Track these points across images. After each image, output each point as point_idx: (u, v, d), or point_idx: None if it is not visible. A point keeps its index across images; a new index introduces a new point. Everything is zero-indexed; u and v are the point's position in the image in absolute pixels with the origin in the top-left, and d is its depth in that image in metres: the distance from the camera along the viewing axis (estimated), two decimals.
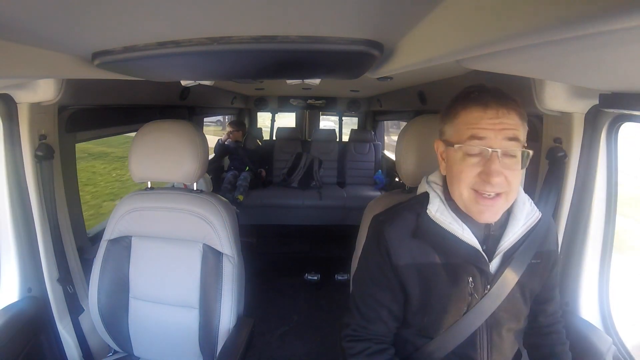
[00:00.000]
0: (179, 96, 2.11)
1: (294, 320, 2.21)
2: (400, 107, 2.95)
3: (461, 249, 0.74)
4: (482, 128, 0.69)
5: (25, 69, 0.69)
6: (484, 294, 0.76)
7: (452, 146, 0.72)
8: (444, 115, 0.77)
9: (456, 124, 0.73)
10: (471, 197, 0.71)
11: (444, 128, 0.77)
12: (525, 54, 0.45)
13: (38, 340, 1.10)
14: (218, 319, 1.12)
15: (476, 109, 0.70)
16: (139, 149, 1.14)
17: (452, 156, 0.73)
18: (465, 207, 0.73)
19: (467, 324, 0.76)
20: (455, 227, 0.74)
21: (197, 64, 0.75)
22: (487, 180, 0.68)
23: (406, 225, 0.78)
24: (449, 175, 0.75)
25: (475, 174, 0.69)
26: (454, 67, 1.23)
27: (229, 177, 3.43)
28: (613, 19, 0.26)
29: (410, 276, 0.77)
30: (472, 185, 0.70)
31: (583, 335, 0.95)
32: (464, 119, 0.71)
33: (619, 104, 0.67)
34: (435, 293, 0.76)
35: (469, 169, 0.70)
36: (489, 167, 0.68)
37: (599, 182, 0.98)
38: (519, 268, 0.77)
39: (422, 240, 0.76)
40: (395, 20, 0.51)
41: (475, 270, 0.76)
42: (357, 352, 0.82)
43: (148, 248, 1.17)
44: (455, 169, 0.72)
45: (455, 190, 0.73)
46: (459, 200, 0.73)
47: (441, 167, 0.79)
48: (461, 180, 0.71)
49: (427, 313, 0.78)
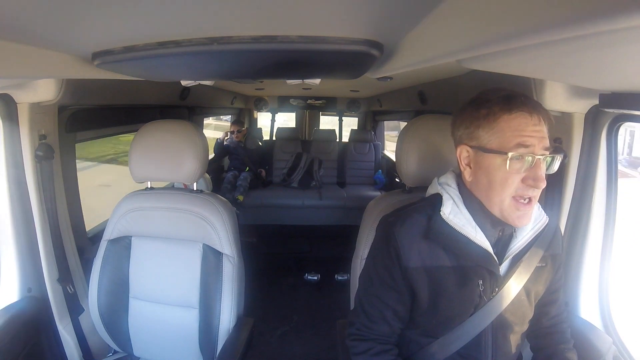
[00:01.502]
0: (179, 96, 2.11)
1: (294, 320, 2.21)
2: (400, 107, 2.95)
3: (473, 252, 0.74)
4: (528, 136, 0.67)
5: (25, 69, 0.69)
6: (492, 297, 0.76)
7: (490, 153, 0.70)
8: (471, 119, 0.73)
9: (498, 129, 0.69)
10: (511, 204, 0.70)
11: (477, 133, 0.72)
12: (525, 54, 0.45)
13: (38, 340, 1.10)
14: (218, 319, 1.12)
15: (522, 115, 0.68)
16: (139, 149, 1.14)
17: (489, 163, 0.70)
18: (504, 213, 0.71)
19: (473, 325, 0.77)
20: (469, 229, 0.74)
21: (197, 64, 0.75)
22: (535, 186, 0.68)
23: (417, 226, 0.77)
24: (485, 183, 0.72)
25: (519, 181, 0.69)
26: (454, 67, 1.23)
27: (229, 177, 3.43)
28: (613, 19, 0.26)
29: (419, 278, 0.76)
30: (515, 191, 0.69)
31: (583, 335, 0.95)
32: (508, 125, 0.68)
33: (619, 104, 0.67)
34: (445, 295, 0.76)
35: (514, 176, 0.68)
36: (535, 173, 0.67)
37: (599, 182, 0.98)
38: (526, 271, 0.77)
39: (433, 243, 0.76)
40: (396, 20, 0.51)
41: (485, 273, 0.76)
42: (360, 351, 0.82)
43: (148, 248, 1.17)
44: (497, 176, 0.69)
45: (494, 197, 0.71)
46: (496, 207, 0.72)
47: (465, 173, 0.76)
48: (505, 187, 0.69)
49: (436, 315, 0.78)
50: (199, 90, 2.16)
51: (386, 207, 1.06)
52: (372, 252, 0.87)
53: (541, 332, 0.86)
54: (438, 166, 0.97)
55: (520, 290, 0.77)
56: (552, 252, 0.81)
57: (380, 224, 0.85)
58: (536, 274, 0.78)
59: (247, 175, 3.44)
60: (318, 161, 3.73)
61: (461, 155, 0.76)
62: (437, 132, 0.99)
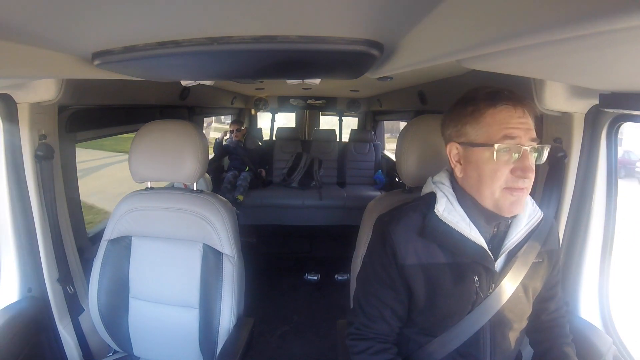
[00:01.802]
0: (179, 96, 2.11)
1: (294, 320, 2.21)
2: (400, 107, 2.96)
3: (468, 248, 0.75)
4: (513, 127, 0.69)
5: (25, 69, 0.69)
6: (489, 293, 0.77)
7: (478, 147, 0.72)
8: (459, 116, 0.75)
9: (484, 124, 0.71)
10: (504, 192, 0.71)
11: (464, 129, 0.74)
12: (525, 54, 0.45)
13: (38, 340, 1.10)
14: (218, 319, 1.12)
15: (506, 108, 0.70)
16: (139, 149, 1.14)
17: (478, 157, 0.72)
18: (497, 203, 0.72)
19: (471, 322, 0.77)
20: (463, 226, 0.75)
21: (197, 64, 0.75)
22: (524, 176, 0.69)
23: (412, 224, 0.78)
24: (475, 177, 0.74)
25: (508, 172, 0.70)
26: (454, 67, 1.23)
27: (228, 177, 3.43)
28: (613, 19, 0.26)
29: (416, 276, 0.77)
30: (505, 183, 0.71)
31: (583, 335, 0.95)
32: (494, 119, 0.71)
33: (619, 104, 0.68)
34: (441, 292, 0.77)
35: (503, 167, 0.70)
36: (523, 163, 0.69)
37: (599, 182, 0.98)
38: (522, 267, 0.78)
39: (428, 240, 0.77)
40: (396, 20, 0.51)
41: (481, 269, 0.76)
42: (360, 350, 0.82)
43: (148, 248, 1.17)
44: (486, 169, 0.71)
45: (485, 190, 0.73)
46: (488, 200, 0.73)
47: (456, 170, 0.78)
48: (495, 180, 0.71)
49: (433, 313, 0.78)
50: (199, 90, 2.16)
51: (386, 207, 1.06)
52: (369, 252, 0.87)
53: (540, 326, 0.87)
54: (438, 166, 0.97)
55: (518, 287, 0.77)
56: (549, 248, 0.82)
57: (377, 223, 0.85)
58: (533, 270, 0.79)
59: (247, 175, 3.44)
60: (318, 161, 3.73)
61: (451, 152, 0.78)
62: (437, 132, 0.99)
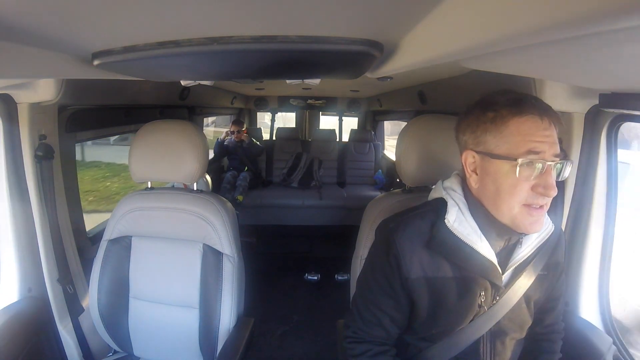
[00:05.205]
0: (179, 96, 2.11)
1: (294, 320, 2.21)
2: (400, 107, 2.95)
3: (476, 262, 0.72)
4: (539, 141, 0.63)
5: (25, 69, 0.69)
6: (492, 305, 0.75)
7: (498, 159, 0.66)
8: (477, 122, 0.69)
9: (506, 134, 0.65)
10: (523, 211, 0.66)
11: (484, 137, 0.68)
12: (525, 54, 0.45)
13: (38, 341, 1.10)
14: (218, 319, 1.12)
15: (532, 118, 0.64)
16: (139, 149, 1.14)
17: (497, 169, 0.67)
18: (515, 221, 0.67)
19: (471, 331, 0.75)
20: (474, 238, 0.71)
21: (197, 64, 0.75)
22: (546, 194, 0.64)
23: (419, 234, 0.74)
24: (492, 190, 0.68)
25: (528, 188, 0.65)
26: (454, 67, 1.23)
27: (228, 177, 3.43)
28: (613, 19, 0.26)
29: (420, 290, 0.74)
30: (525, 200, 0.65)
31: (583, 335, 0.95)
32: (517, 129, 0.64)
33: (619, 104, 0.67)
34: (445, 307, 0.74)
35: (524, 183, 0.65)
36: (546, 180, 0.64)
37: (599, 182, 0.98)
38: (528, 279, 0.75)
39: (435, 252, 0.73)
40: (396, 20, 0.51)
41: (487, 283, 0.74)
42: (359, 353, 0.81)
43: (148, 248, 1.17)
44: (505, 183, 0.66)
45: (502, 205, 0.67)
46: (506, 216, 0.68)
47: (471, 180, 0.72)
48: (514, 195, 0.65)
49: (435, 324, 0.77)
50: (199, 90, 2.16)
51: (386, 207, 1.06)
52: (371, 257, 0.84)
53: (531, 337, 0.85)
54: (438, 166, 0.97)
55: (521, 298, 0.76)
56: (555, 260, 0.79)
57: (380, 228, 0.81)
58: (538, 282, 0.77)
59: (247, 175, 3.44)
60: (318, 161, 3.73)
61: (467, 161, 0.72)
62: (437, 132, 0.99)
